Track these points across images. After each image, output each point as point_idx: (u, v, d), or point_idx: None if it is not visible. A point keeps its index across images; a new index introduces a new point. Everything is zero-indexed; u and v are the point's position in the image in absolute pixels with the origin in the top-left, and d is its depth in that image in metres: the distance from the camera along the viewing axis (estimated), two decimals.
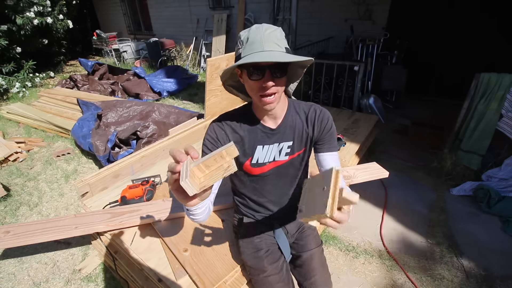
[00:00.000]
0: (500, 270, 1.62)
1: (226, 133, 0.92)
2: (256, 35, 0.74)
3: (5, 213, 2.19)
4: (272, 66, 0.74)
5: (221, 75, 0.83)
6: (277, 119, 0.92)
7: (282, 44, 0.76)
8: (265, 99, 0.78)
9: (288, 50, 0.78)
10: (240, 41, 0.78)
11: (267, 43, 0.73)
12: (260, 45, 0.73)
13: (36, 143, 3.24)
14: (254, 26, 0.77)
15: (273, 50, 0.74)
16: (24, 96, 4.86)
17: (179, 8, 6.65)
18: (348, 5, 4.24)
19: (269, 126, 0.92)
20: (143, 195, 1.59)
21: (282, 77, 0.77)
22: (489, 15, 3.55)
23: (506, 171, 2.18)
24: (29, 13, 5.05)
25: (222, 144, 0.90)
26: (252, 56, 0.72)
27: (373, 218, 2.05)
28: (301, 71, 0.86)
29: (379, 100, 3.66)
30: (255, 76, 0.76)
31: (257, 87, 0.78)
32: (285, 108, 0.93)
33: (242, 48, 0.77)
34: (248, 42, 0.75)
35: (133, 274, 1.27)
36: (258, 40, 0.74)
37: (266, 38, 0.74)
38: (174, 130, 2.32)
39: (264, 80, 0.75)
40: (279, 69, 0.75)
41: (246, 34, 0.77)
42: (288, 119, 0.93)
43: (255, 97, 0.82)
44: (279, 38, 0.76)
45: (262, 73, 0.75)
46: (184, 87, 5.16)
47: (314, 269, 1.04)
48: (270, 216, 1.12)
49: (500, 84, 2.10)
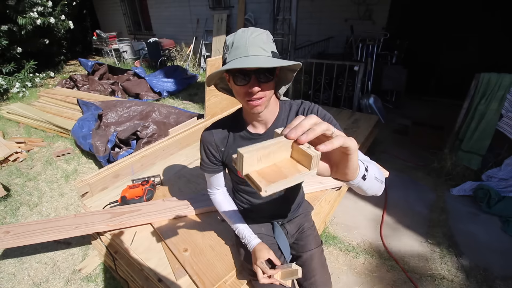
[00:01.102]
0: (500, 270, 1.62)
1: (216, 144, 0.96)
2: (241, 39, 0.72)
3: (5, 213, 2.19)
4: (258, 71, 0.72)
5: (206, 81, 0.82)
6: (267, 124, 0.91)
7: (268, 48, 0.74)
8: (252, 102, 0.77)
9: (275, 54, 0.76)
10: (226, 45, 0.77)
11: (252, 47, 0.71)
12: (245, 49, 0.71)
13: (36, 143, 3.24)
14: (240, 30, 0.75)
15: (258, 55, 0.72)
16: (24, 96, 4.86)
17: (179, 8, 6.65)
18: (348, 5, 4.24)
19: (258, 131, 0.92)
20: (143, 195, 1.59)
21: (268, 82, 0.75)
22: (489, 15, 3.55)
23: (506, 171, 2.18)
24: (32, 13, 5.05)
25: (214, 157, 0.98)
26: (237, 61, 0.71)
27: (373, 218, 2.05)
28: (291, 75, 0.83)
29: (379, 100, 3.66)
30: (241, 81, 0.74)
31: (243, 92, 0.76)
32: (275, 112, 0.91)
33: (227, 53, 0.76)
34: (233, 46, 0.74)
35: (133, 274, 1.27)
36: (243, 45, 0.72)
37: (251, 43, 0.72)
38: (174, 130, 2.33)
39: (249, 86, 0.74)
40: (264, 74, 0.73)
41: (231, 39, 0.75)
42: (279, 123, 0.91)
43: (242, 101, 0.81)
44: (265, 42, 0.73)
45: (247, 78, 0.73)
46: (184, 87, 5.16)
47: (314, 269, 1.04)
48: (270, 216, 1.12)
49: (500, 84, 2.10)
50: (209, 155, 0.98)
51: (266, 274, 0.93)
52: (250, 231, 1.04)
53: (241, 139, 0.93)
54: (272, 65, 0.67)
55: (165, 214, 1.45)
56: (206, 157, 0.99)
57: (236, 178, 1.04)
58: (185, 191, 1.69)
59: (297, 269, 0.89)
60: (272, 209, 1.08)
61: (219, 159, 0.99)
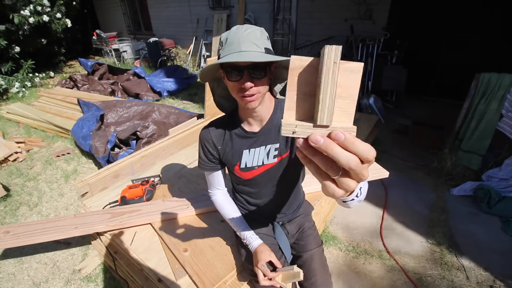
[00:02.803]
0: (500, 270, 1.62)
1: (213, 142, 0.96)
2: (235, 36, 0.74)
3: (5, 213, 2.19)
4: (251, 66, 0.73)
5: (199, 76, 0.83)
6: (263, 121, 0.91)
7: (262, 45, 0.75)
8: (246, 98, 0.78)
9: (269, 50, 0.77)
10: (220, 42, 0.79)
11: (245, 43, 0.73)
12: (238, 45, 0.73)
13: (36, 143, 3.23)
14: (234, 27, 0.77)
15: (250, 51, 0.73)
16: (24, 96, 4.85)
17: (179, 8, 6.65)
18: (348, 5, 4.24)
19: (252, 129, 0.92)
20: (143, 195, 1.59)
21: (262, 78, 0.76)
22: (489, 15, 3.55)
23: (506, 171, 2.17)
24: (23, 11, 5.03)
25: (212, 155, 0.99)
26: (229, 56, 0.72)
27: (373, 218, 2.05)
28: (286, 72, 0.83)
29: (379, 100, 3.66)
30: (234, 77, 0.75)
31: (236, 88, 0.78)
32: (271, 109, 0.91)
33: (222, 49, 0.77)
34: (227, 42, 0.75)
35: (133, 274, 1.27)
36: (236, 41, 0.73)
37: (244, 38, 0.73)
38: (174, 130, 2.33)
39: (242, 81, 0.75)
40: (258, 70, 0.74)
41: (226, 35, 0.77)
42: (274, 121, 0.91)
43: (237, 97, 0.82)
44: (258, 38, 0.75)
45: (240, 74, 0.74)
46: (184, 87, 5.16)
47: (314, 269, 1.04)
48: (270, 216, 1.12)
49: (500, 84, 2.10)
50: (206, 153, 0.98)
51: (267, 276, 0.92)
52: (252, 232, 1.04)
53: (237, 137, 0.94)
54: (263, 60, 0.68)
55: (165, 214, 1.45)
56: (204, 155, 0.99)
57: (236, 178, 1.04)
58: (185, 191, 1.69)
59: (298, 271, 0.89)
60: (273, 209, 1.08)
61: (216, 156, 0.99)
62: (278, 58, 0.70)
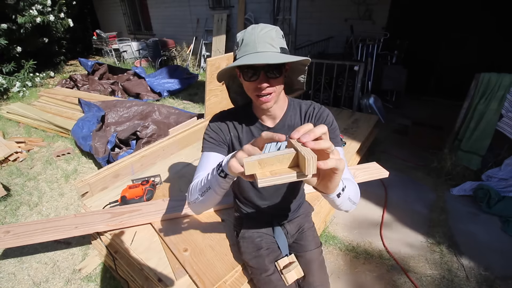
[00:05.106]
0: (500, 270, 1.62)
1: (228, 127, 0.93)
2: (251, 36, 0.74)
3: (5, 213, 2.19)
4: (267, 67, 0.74)
5: (217, 76, 0.83)
6: (276, 118, 0.92)
7: (277, 44, 0.75)
8: (262, 98, 0.79)
9: (285, 50, 0.77)
10: (236, 42, 0.79)
11: (261, 44, 0.73)
12: (253, 46, 0.73)
13: (36, 143, 3.24)
14: (250, 27, 0.77)
15: (267, 51, 0.73)
16: (24, 95, 4.86)
17: (179, 8, 6.65)
18: (348, 5, 4.24)
19: (267, 125, 0.93)
20: (143, 195, 1.59)
21: (277, 77, 0.77)
22: (489, 15, 3.55)
23: (506, 171, 2.17)
24: (32, 11, 5.04)
25: (224, 136, 0.93)
26: (245, 58, 0.73)
27: (373, 218, 2.05)
28: (303, 67, 0.85)
29: (379, 100, 3.66)
30: (250, 77, 0.76)
31: (252, 87, 0.78)
32: (284, 107, 0.92)
33: (238, 49, 0.78)
34: (243, 43, 0.76)
35: (133, 274, 1.27)
36: (252, 41, 0.74)
37: (260, 39, 0.73)
38: (174, 130, 2.33)
39: (259, 81, 0.76)
40: (274, 69, 0.75)
41: (241, 35, 0.77)
42: (287, 118, 0.92)
43: (252, 96, 0.82)
44: (273, 38, 0.75)
45: (257, 74, 0.75)
46: (184, 87, 5.16)
47: (312, 269, 1.04)
48: (270, 216, 1.12)
49: (500, 84, 2.10)
50: (217, 130, 0.93)
51: None
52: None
53: (255, 131, 0.92)
54: (280, 61, 0.68)
55: (165, 214, 1.45)
56: (213, 131, 0.93)
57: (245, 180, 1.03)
58: (185, 191, 1.69)
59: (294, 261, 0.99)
60: (273, 209, 1.08)
61: (224, 139, 0.93)
62: (294, 58, 0.70)
